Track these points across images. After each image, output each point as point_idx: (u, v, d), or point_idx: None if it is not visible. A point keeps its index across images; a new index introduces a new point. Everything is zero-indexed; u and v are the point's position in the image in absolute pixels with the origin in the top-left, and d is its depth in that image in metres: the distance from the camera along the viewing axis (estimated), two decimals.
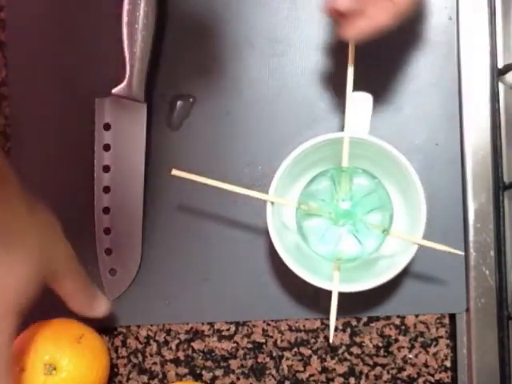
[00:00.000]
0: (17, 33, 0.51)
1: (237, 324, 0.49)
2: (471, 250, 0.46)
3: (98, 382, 0.45)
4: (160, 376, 0.49)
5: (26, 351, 0.43)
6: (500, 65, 0.47)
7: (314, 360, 0.48)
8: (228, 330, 0.49)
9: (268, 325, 0.48)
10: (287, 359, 0.48)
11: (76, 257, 0.43)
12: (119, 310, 0.49)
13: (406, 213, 0.44)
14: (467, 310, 0.46)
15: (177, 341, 0.49)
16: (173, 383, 0.48)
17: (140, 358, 0.49)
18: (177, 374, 0.49)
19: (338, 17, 0.38)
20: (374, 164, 0.44)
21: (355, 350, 0.48)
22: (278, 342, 0.48)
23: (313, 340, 0.48)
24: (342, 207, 0.41)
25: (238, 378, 0.49)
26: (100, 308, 0.45)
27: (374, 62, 0.48)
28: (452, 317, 0.47)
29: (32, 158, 0.51)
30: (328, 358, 0.48)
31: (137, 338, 0.50)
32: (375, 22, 0.38)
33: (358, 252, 0.42)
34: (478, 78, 0.47)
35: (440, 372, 0.47)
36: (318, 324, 0.48)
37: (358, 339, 0.48)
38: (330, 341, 0.43)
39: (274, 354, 0.48)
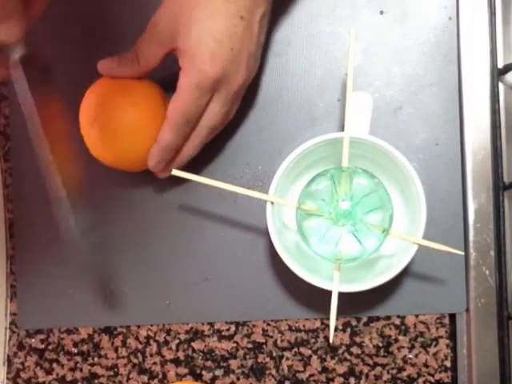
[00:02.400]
0: None
1: (237, 324, 0.49)
2: (471, 250, 0.46)
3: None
4: (160, 376, 0.49)
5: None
6: (500, 65, 0.47)
7: (314, 360, 0.48)
8: (228, 330, 0.49)
9: (268, 325, 0.48)
10: (287, 359, 0.48)
11: None
12: (119, 310, 0.49)
13: (406, 213, 0.44)
14: (467, 310, 0.46)
15: (177, 341, 0.49)
16: (173, 383, 0.48)
17: (140, 358, 0.50)
18: (177, 374, 0.49)
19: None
20: (373, 164, 0.44)
21: (355, 349, 0.48)
22: (278, 342, 0.48)
23: (313, 340, 0.48)
24: (341, 207, 0.41)
25: (238, 378, 0.49)
26: None
27: (374, 62, 0.48)
28: (452, 317, 0.47)
29: (32, 158, 0.50)
30: (328, 358, 0.48)
31: (137, 338, 0.50)
32: (182, 155, 0.45)
33: (358, 252, 0.42)
34: (478, 78, 0.47)
35: (440, 372, 0.47)
36: (318, 324, 0.48)
37: (358, 339, 0.48)
38: (330, 341, 0.43)
39: (274, 354, 0.48)
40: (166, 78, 0.43)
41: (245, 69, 0.42)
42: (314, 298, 0.46)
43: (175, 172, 0.43)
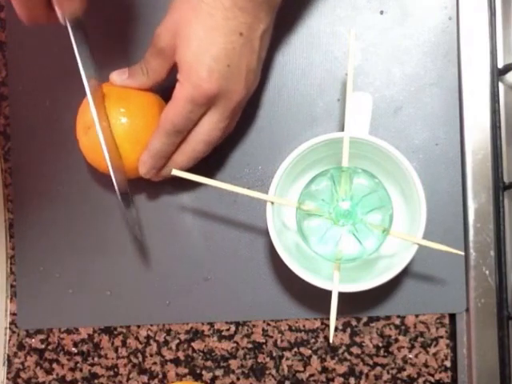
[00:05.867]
0: (17, 33, 0.51)
1: (237, 324, 0.49)
2: (471, 250, 0.46)
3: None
4: (160, 376, 0.49)
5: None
6: (500, 65, 0.47)
7: (314, 360, 0.48)
8: (228, 330, 0.49)
9: (268, 325, 0.48)
10: (287, 359, 0.48)
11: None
12: (119, 310, 0.49)
13: (406, 213, 0.44)
14: (467, 310, 0.46)
15: (177, 341, 0.49)
16: (173, 383, 0.48)
17: (140, 358, 0.50)
18: (177, 374, 0.49)
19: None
20: (374, 164, 0.44)
21: (355, 349, 0.48)
22: (278, 342, 0.48)
23: (313, 340, 0.48)
24: (342, 207, 0.41)
25: (238, 378, 0.49)
26: None
27: (374, 62, 0.48)
28: (452, 317, 0.47)
29: (32, 158, 0.51)
30: (328, 358, 0.48)
31: (137, 338, 0.50)
32: (175, 163, 0.45)
33: (358, 252, 0.42)
34: (478, 78, 0.47)
35: (440, 372, 0.47)
36: (318, 324, 0.48)
37: (358, 339, 0.48)
38: (330, 341, 0.43)
39: (274, 354, 0.48)
40: (166, 87, 0.44)
41: (243, 85, 0.42)
42: (314, 298, 0.46)
43: (175, 172, 0.43)
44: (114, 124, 0.43)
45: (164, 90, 0.45)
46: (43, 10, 0.40)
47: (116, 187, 0.44)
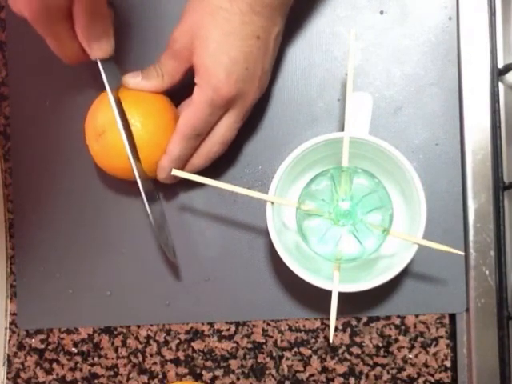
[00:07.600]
0: (17, 33, 0.51)
1: (237, 324, 0.49)
2: (471, 250, 0.46)
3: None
4: (160, 376, 0.49)
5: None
6: (500, 65, 0.47)
7: (314, 360, 0.48)
8: (228, 330, 0.49)
9: (268, 325, 0.48)
10: (287, 359, 0.48)
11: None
12: (119, 310, 0.49)
13: (406, 213, 0.44)
14: (467, 310, 0.46)
15: (177, 341, 0.49)
16: (173, 383, 0.48)
17: (140, 358, 0.50)
18: (177, 374, 0.49)
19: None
20: (374, 164, 0.44)
21: (355, 349, 0.48)
22: (278, 341, 0.48)
23: (313, 340, 0.48)
24: (342, 207, 0.41)
25: (238, 378, 0.49)
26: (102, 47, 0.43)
27: (374, 62, 0.48)
28: (452, 317, 0.47)
29: (32, 158, 0.51)
30: (328, 358, 0.48)
31: (137, 338, 0.50)
32: (192, 166, 0.45)
33: (358, 252, 0.42)
34: (478, 78, 0.47)
35: (440, 372, 0.47)
36: (318, 324, 0.48)
37: (358, 339, 0.48)
38: (330, 341, 0.43)
39: (274, 354, 0.48)
40: (175, 89, 0.44)
41: (258, 86, 0.43)
42: (314, 298, 0.46)
43: (175, 172, 0.43)
44: (131, 128, 0.43)
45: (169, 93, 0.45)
46: (78, 51, 0.42)
47: (141, 188, 0.44)
